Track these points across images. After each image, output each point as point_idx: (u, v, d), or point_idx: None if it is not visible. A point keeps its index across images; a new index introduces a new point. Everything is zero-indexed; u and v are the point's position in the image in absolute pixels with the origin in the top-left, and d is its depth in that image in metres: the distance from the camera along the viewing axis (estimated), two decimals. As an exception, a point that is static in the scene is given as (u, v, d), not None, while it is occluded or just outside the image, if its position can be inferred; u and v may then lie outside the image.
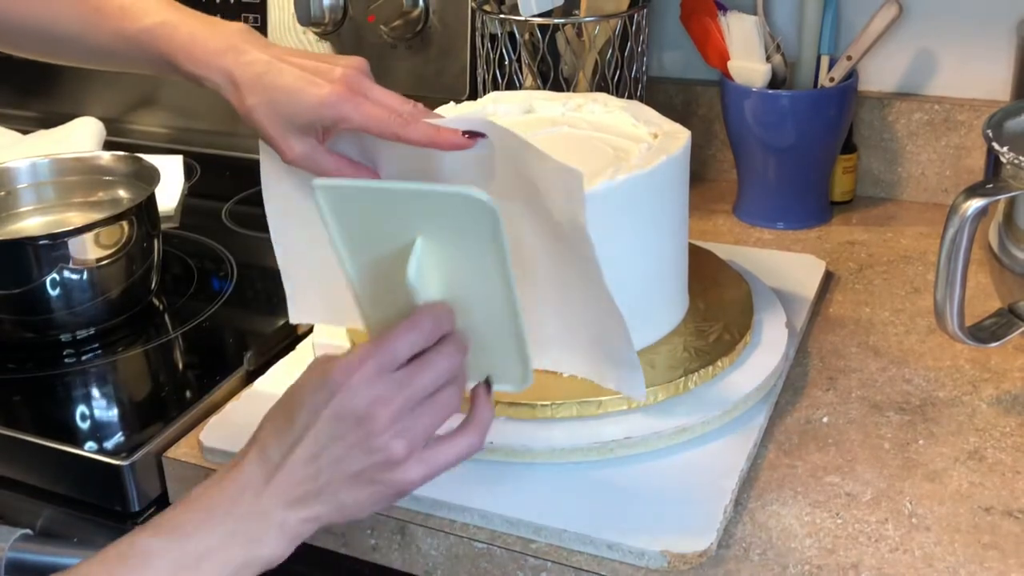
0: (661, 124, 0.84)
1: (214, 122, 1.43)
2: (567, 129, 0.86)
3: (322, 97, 0.70)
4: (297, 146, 0.72)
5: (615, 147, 0.82)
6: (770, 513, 0.72)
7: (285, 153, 0.72)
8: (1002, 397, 0.83)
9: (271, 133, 0.72)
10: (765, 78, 1.09)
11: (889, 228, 1.13)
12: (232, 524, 0.60)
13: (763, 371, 0.81)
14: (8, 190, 1.06)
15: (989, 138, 0.79)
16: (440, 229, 0.63)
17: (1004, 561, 0.67)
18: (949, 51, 1.15)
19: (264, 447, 0.62)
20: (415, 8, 1.22)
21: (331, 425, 0.60)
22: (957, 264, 0.75)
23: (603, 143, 0.83)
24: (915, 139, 1.17)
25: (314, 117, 0.71)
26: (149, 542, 0.59)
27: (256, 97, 0.72)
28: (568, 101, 0.89)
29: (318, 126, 0.72)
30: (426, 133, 0.69)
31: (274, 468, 0.61)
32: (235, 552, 0.60)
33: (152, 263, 1.01)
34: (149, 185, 1.01)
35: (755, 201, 1.15)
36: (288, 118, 0.71)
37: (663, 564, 0.67)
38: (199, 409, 0.85)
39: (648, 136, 0.83)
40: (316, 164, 0.73)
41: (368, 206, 0.64)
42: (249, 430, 0.79)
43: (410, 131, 0.69)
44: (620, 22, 1.09)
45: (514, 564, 0.70)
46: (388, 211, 0.64)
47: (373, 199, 0.64)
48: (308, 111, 0.70)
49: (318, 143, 0.73)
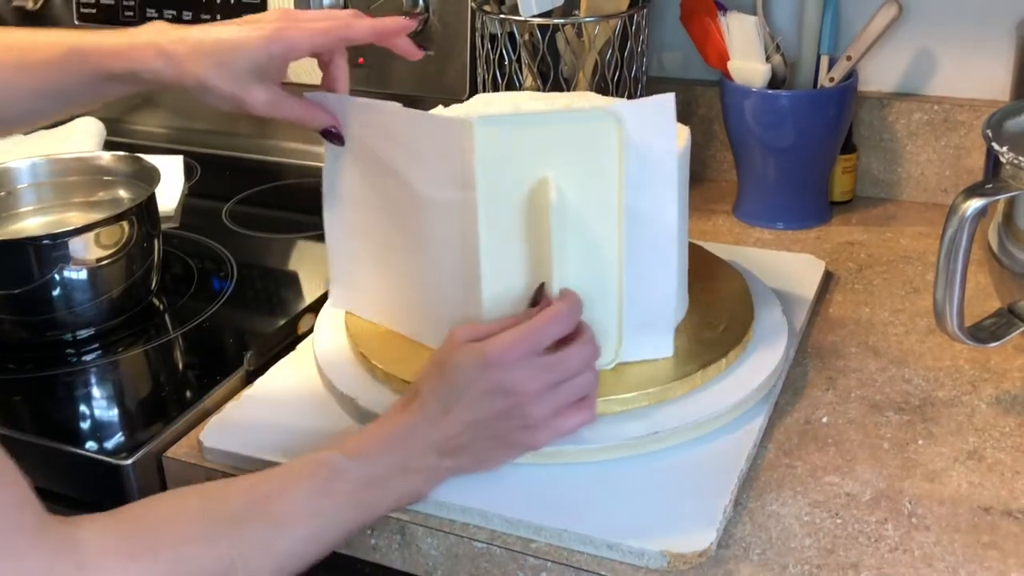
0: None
1: (214, 122, 1.43)
2: None
3: (266, 35, 0.74)
4: (261, 94, 0.75)
5: None
6: (770, 513, 0.72)
7: (253, 105, 0.75)
8: (1002, 397, 0.83)
9: (232, 90, 0.74)
10: (765, 78, 1.09)
11: (889, 228, 1.13)
12: (402, 458, 0.68)
13: (763, 371, 0.81)
14: (8, 190, 1.06)
15: (989, 138, 0.79)
16: (567, 158, 0.71)
17: (1004, 561, 0.67)
18: (949, 51, 1.16)
19: (425, 402, 0.69)
20: (415, 8, 1.22)
21: (485, 395, 0.68)
22: (957, 264, 0.75)
23: None
24: (915, 139, 1.17)
25: (265, 58, 0.74)
26: (337, 459, 0.66)
27: (201, 64, 0.74)
28: (554, 101, 0.89)
29: (271, 69, 0.75)
30: (371, 25, 0.76)
31: (434, 421, 0.69)
32: (401, 482, 0.68)
33: (152, 263, 1.01)
34: (149, 185, 1.01)
35: (755, 201, 1.15)
36: (242, 70, 0.74)
37: (663, 564, 0.67)
38: (199, 409, 0.85)
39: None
40: (284, 109, 0.77)
41: (513, 141, 0.70)
42: (249, 430, 0.80)
43: (355, 31, 0.76)
44: (620, 22, 1.09)
45: (514, 564, 0.70)
46: (527, 144, 0.71)
47: (521, 131, 0.70)
48: (258, 53, 0.74)
49: (279, 88, 0.76)
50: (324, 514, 0.65)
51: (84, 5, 1.42)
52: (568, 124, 0.71)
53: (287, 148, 1.39)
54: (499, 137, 0.71)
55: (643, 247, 0.76)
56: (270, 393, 0.85)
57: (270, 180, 1.33)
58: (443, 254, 0.78)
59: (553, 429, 0.71)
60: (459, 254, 0.77)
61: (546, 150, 0.72)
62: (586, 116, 0.71)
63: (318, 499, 0.65)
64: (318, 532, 0.65)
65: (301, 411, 0.82)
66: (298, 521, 0.64)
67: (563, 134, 0.72)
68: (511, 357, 0.68)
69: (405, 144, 0.77)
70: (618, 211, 0.73)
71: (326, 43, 0.76)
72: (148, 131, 1.47)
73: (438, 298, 0.80)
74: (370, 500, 0.67)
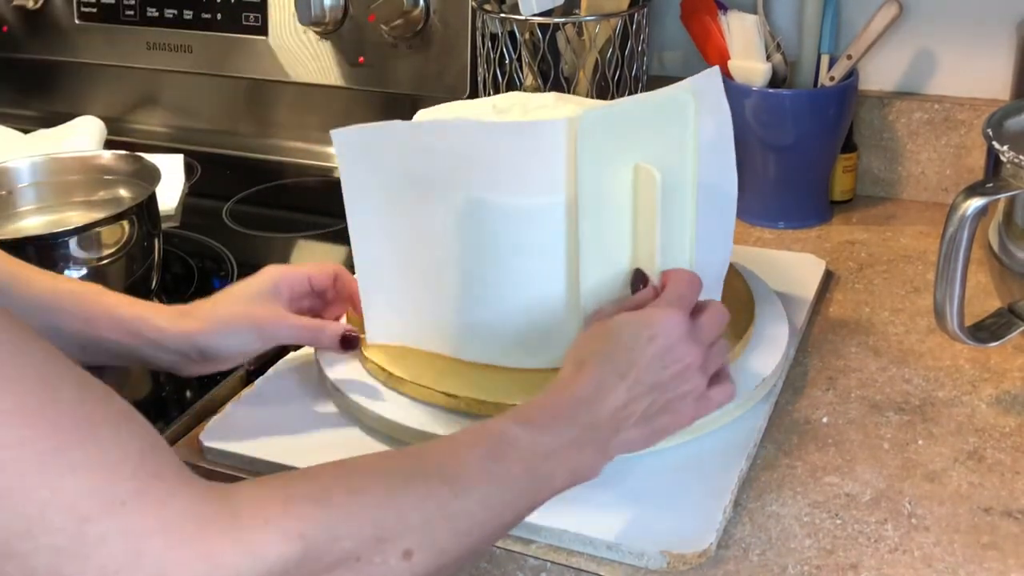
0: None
1: (215, 121, 1.43)
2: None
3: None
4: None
5: None
6: (769, 513, 0.72)
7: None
8: (1002, 397, 0.83)
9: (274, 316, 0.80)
10: (765, 77, 1.09)
11: (889, 227, 1.13)
12: (575, 432, 0.64)
13: (763, 371, 0.81)
14: (8, 190, 1.06)
15: (989, 137, 0.79)
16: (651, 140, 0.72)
17: (1004, 561, 0.67)
18: (949, 51, 1.15)
19: (597, 371, 0.66)
20: (416, 7, 1.22)
21: (657, 358, 0.67)
22: (957, 264, 0.75)
23: None
24: (915, 138, 1.17)
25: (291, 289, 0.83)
26: (511, 427, 0.62)
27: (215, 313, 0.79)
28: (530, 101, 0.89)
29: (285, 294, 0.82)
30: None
31: (611, 388, 0.66)
32: (573, 457, 0.64)
33: (153, 262, 1.01)
34: (150, 184, 1.01)
35: (755, 200, 1.15)
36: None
37: (663, 564, 0.67)
38: (199, 409, 0.85)
39: None
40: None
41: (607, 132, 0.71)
42: (249, 430, 0.80)
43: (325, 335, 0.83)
44: (620, 21, 1.09)
45: (514, 564, 0.70)
46: (618, 133, 0.72)
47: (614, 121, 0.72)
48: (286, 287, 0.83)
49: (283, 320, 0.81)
50: (499, 477, 0.60)
51: (84, 4, 1.42)
52: (652, 107, 0.73)
53: (287, 147, 1.39)
54: (598, 131, 0.71)
55: (708, 216, 0.77)
56: (270, 393, 0.85)
57: (270, 179, 1.33)
58: (530, 262, 0.77)
59: (707, 401, 0.70)
60: (553, 257, 0.76)
61: (633, 135, 0.72)
62: (667, 96, 0.73)
63: (491, 463, 0.60)
64: (494, 497, 0.60)
65: (301, 411, 0.82)
66: (472, 481, 0.59)
67: (647, 117, 0.73)
68: (675, 321, 0.68)
69: (479, 158, 0.75)
70: (693, 184, 0.75)
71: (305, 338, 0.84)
72: (149, 130, 1.47)
73: (521, 308, 0.78)
74: (545, 472, 0.62)
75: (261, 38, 1.33)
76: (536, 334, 0.79)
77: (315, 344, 0.84)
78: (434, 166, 0.76)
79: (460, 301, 0.80)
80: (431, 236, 0.78)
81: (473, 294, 0.79)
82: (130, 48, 1.41)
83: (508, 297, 0.78)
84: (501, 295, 0.79)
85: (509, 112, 0.86)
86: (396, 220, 0.80)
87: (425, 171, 0.77)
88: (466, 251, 0.78)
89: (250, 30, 1.33)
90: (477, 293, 0.79)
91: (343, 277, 0.85)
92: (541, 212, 0.75)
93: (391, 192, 0.79)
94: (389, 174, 0.78)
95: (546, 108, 0.86)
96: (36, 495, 0.43)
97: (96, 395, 0.47)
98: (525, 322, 0.79)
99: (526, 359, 0.79)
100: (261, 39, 1.33)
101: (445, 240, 0.78)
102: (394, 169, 0.78)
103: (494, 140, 0.74)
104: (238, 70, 1.36)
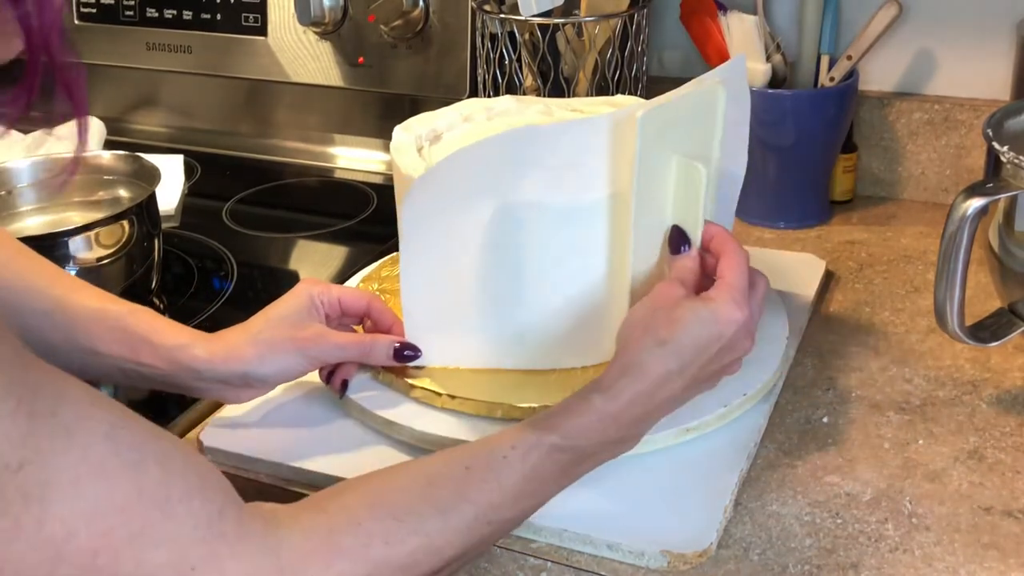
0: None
1: (215, 122, 1.43)
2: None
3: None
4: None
5: None
6: (770, 513, 0.72)
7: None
8: (1002, 397, 0.83)
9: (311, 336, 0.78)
10: (765, 78, 1.09)
11: (889, 227, 1.13)
12: (623, 432, 0.67)
13: (763, 371, 0.81)
14: (8, 190, 1.06)
15: (989, 137, 0.79)
16: (687, 130, 0.74)
17: (1004, 561, 0.67)
18: (949, 51, 1.15)
19: (654, 368, 0.67)
20: (415, 8, 1.22)
21: (716, 358, 0.69)
22: (957, 264, 0.75)
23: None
24: (915, 139, 1.17)
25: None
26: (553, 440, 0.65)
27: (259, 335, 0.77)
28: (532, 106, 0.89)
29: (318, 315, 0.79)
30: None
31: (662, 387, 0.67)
32: (613, 452, 0.68)
33: (152, 263, 1.01)
34: (149, 184, 1.01)
35: (755, 200, 1.15)
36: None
37: (663, 564, 0.67)
38: (199, 409, 0.85)
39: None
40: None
41: (659, 125, 0.72)
42: (249, 430, 0.80)
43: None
44: (620, 22, 1.09)
45: (514, 564, 0.70)
46: (667, 125, 0.72)
47: (666, 115, 0.72)
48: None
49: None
50: (539, 495, 0.65)
51: (84, 5, 1.42)
52: (693, 100, 0.74)
53: (287, 148, 1.39)
54: (654, 126, 0.72)
55: (719, 197, 0.79)
56: (270, 393, 0.85)
57: (270, 180, 1.33)
58: (574, 260, 0.77)
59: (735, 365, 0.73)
60: (595, 253, 0.77)
61: (674, 128, 0.73)
62: (705, 90, 0.75)
63: (536, 484, 0.64)
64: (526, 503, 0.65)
65: (301, 411, 0.82)
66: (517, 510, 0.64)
67: (688, 110, 0.74)
68: (742, 321, 0.69)
69: (522, 162, 0.74)
70: (715, 169, 0.77)
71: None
72: (148, 130, 1.47)
73: (563, 308, 0.78)
74: (582, 471, 0.67)
75: (261, 38, 1.33)
76: (579, 333, 0.79)
77: (366, 360, 0.80)
78: (480, 176, 0.75)
79: (503, 308, 0.79)
80: (474, 246, 0.77)
81: (516, 299, 0.79)
82: (130, 48, 1.41)
83: (551, 298, 0.79)
84: (544, 297, 0.78)
85: (473, 118, 0.88)
86: (443, 238, 0.78)
87: (472, 183, 0.75)
88: (508, 256, 0.77)
89: (250, 30, 1.33)
90: (520, 298, 0.78)
91: (376, 306, 0.82)
92: (585, 210, 0.75)
93: (443, 211, 0.77)
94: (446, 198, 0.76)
95: (509, 114, 0.88)
96: (124, 570, 0.48)
97: (176, 467, 0.51)
98: (568, 322, 0.79)
99: (569, 359, 0.80)
100: (261, 39, 1.33)
101: (487, 248, 0.77)
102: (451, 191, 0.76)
103: (539, 142, 0.74)
104: (238, 70, 1.36)
